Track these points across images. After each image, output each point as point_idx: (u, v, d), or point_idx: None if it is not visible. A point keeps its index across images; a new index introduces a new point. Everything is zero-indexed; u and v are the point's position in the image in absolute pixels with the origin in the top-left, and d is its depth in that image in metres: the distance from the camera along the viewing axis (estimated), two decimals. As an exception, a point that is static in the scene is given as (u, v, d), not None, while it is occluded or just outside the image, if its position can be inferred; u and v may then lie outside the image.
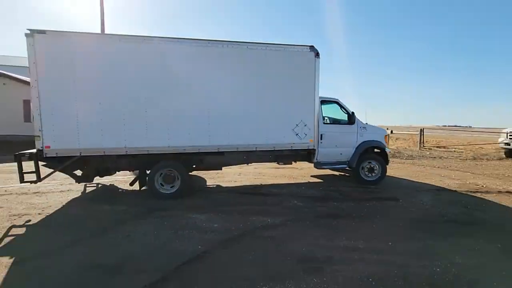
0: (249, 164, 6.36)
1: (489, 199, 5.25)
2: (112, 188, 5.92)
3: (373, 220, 4.13)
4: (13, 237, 3.47)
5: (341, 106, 6.32)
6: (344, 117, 6.32)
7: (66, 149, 4.69)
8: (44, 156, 4.61)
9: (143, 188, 5.20)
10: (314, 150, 5.91)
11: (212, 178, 6.65)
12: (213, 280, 2.58)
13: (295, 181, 6.70)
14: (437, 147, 14.63)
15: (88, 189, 5.70)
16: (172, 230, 3.65)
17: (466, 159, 10.59)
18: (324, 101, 6.17)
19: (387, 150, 6.46)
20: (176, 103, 5.06)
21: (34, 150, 4.66)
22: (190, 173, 5.59)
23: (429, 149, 13.57)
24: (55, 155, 4.65)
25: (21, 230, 3.68)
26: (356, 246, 3.27)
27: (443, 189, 5.98)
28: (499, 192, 5.79)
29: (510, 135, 10.73)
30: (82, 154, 4.74)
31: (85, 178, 5.17)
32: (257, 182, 6.46)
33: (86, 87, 4.70)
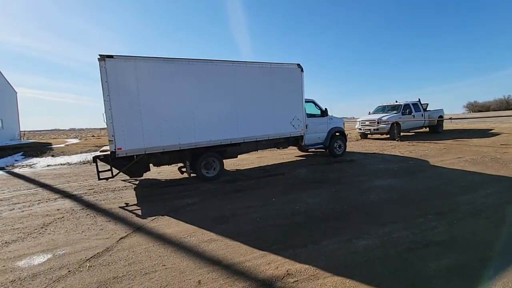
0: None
1: (337, 166, 7.89)
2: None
3: (265, 188, 5.84)
4: None
5: (316, 104, 9.11)
6: (318, 112, 9.12)
7: (134, 149, 5.77)
8: (116, 156, 5.56)
9: (192, 175, 6.78)
10: (302, 136, 8.31)
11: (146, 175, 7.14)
12: (156, 235, 3.56)
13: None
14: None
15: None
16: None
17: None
18: (305, 101, 8.30)
19: (345, 132, 9.83)
20: (215, 109, 6.63)
21: (108, 152, 5.61)
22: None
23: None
24: (125, 155, 5.67)
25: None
26: (252, 205, 4.79)
27: (314, 164, 8.43)
28: (346, 161, 8.66)
29: (361, 123, 15.11)
30: (146, 152, 5.90)
31: (136, 174, 6.39)
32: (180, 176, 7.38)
33: (148, 100, 5.82)
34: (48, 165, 10.64)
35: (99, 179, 5.77)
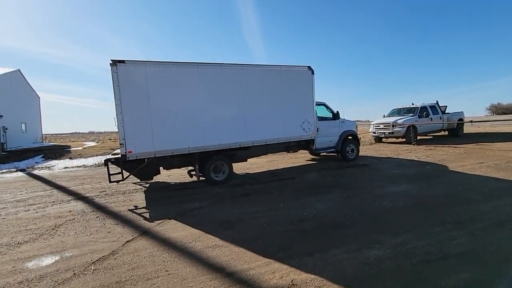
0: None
1: (349, 171, 7.65)
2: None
3: (274, 192, 5.73)
4: None
5: (327, 107, 8.94)
6: (330, 115, 8.94)
7: (144, 152, 5.84)
8: (127, 159, 5.67)
9: (201, 178, 6.67)
10: (313, 140, 8.07)
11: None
12: (161, 239, 3.54)
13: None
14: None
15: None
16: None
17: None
18: (316, 104, 8.19)
19: (358, 136, 9.61)
20: (224, 112, 6.62)
21: (119, 156, 5.72)
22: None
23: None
24: (135, 158, 5.77)
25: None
26: (260, 210, 4.69)
27: (326, 168, 8.23)
28: (359, 165, 8.39)
29: (375, 126, 14.67)
30: (156, 156, 5.95)
31: (147, 177, 6.53)
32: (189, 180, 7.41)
33: (157, 103, 5.90)
34: (65, 167, 11.02)
35: (110, 181, 5.86)
